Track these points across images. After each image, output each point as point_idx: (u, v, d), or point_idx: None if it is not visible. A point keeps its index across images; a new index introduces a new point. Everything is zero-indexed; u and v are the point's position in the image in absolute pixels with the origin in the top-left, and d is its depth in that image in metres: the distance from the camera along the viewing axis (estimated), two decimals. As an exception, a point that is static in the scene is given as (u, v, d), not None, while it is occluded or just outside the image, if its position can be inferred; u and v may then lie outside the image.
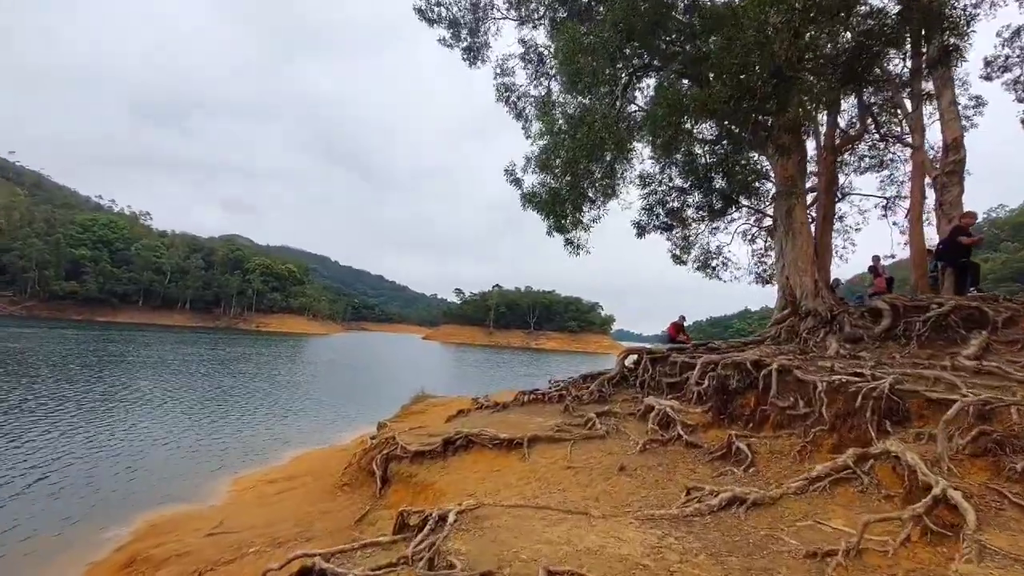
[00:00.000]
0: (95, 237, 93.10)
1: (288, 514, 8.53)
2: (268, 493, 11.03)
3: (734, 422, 6.97)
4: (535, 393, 11.21)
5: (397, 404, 17.19)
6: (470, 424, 9.62)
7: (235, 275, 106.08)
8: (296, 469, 13.21)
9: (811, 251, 9.31)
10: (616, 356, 11.09)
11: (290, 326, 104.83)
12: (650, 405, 8.38)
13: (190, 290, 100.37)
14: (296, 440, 17.69)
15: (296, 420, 20.90)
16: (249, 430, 18.80)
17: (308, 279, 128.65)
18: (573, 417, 9.44)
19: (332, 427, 19.68)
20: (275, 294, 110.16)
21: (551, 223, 10.27)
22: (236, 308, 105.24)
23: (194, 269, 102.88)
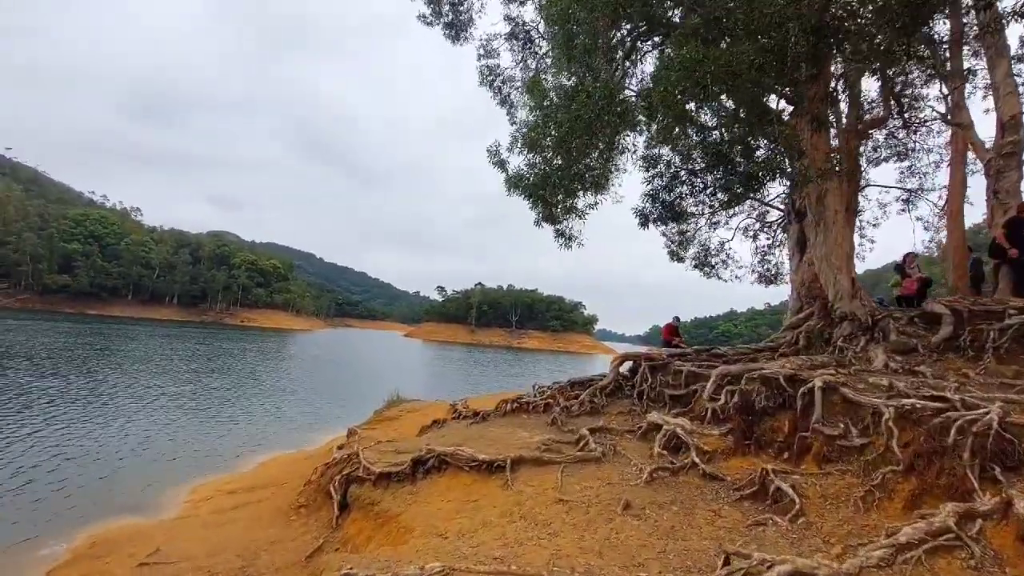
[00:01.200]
0: (87, 232, 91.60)
1: (234, 540, 6.91)
2: (223, 507, 9.36)
3: (762, 450, 5.55)
4: (519, 402, 9.69)
5: (375, 403, 15.58)
6: (445, 437, 8.06)
7: (221, 270, 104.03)
8: (259, 478, 11.50)
9: (847, 245, 7.96)
10: (610, 361, 9.62)
11: (274, 321, 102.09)
12: (654, 422, 6.91)
13: (178, 285, 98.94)
14: (267, 442, 15.97)
15: (271, 420, 19.12)
16: (223, 429, 17.14)
17: (292, 275, 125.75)
18: (562, 432, 7.94)
19: (305, 428, 17.90)
20: (260, 289, 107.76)
21: (539, 211, 8.76)
22: (222, 303, 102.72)
23: (182, 264, 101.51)
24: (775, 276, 13.47)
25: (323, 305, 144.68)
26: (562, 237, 9.43)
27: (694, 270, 13.24)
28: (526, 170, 8.28)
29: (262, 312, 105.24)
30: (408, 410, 12.19)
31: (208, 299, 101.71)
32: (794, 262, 9.91)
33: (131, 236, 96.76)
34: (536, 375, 44.29)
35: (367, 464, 6.67)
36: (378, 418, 12.09)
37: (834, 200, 7.76)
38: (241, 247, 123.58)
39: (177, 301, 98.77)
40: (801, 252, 9.80)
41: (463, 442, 7.51)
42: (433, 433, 8.76)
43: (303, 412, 20.70)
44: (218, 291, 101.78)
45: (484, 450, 7.06)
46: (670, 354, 9.39)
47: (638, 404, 8.43)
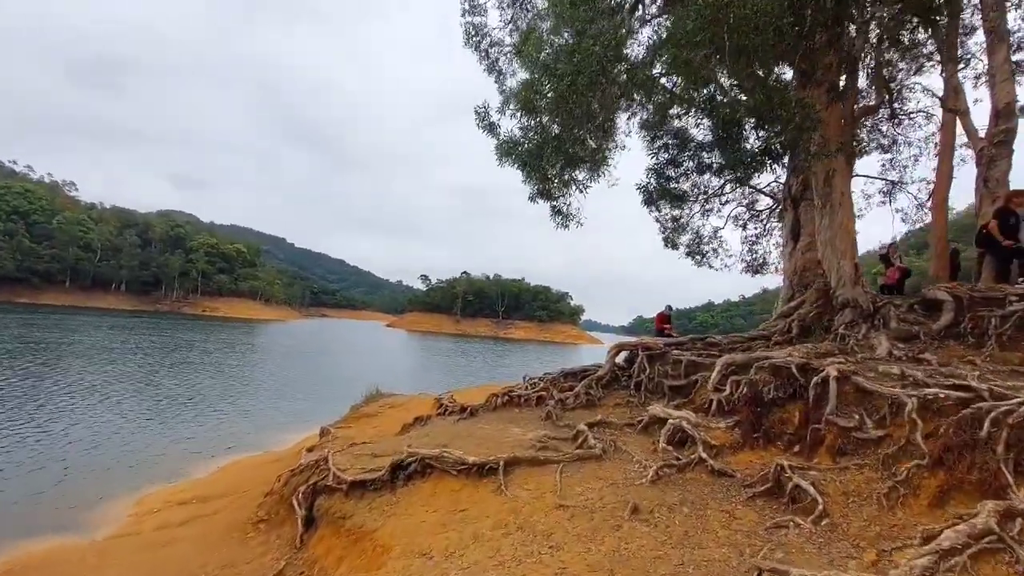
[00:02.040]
0: (8, 208, 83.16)
1: (177, 565, 6.47)
2: (171, 522, 8.86)
3: (772, 443, 5.44)
4: (509, 395, 9.45)
5: (353, 399, 15.11)
6: (430, 437, 7.78)
7: (177, 254, 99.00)
8: (217, 485, 11.02)
9: (853, 228, 7.89)
10: (607, 350, 9.44)
11: (241, 311, 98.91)
12: (656, 415, 6.77)
13: (124, 270, 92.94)
14: (230, 443, 15.38)
15: (235, 418, 18.46)
16: (181, 430, 16.41)
17: (260, 261, 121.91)
18: (558, 428, 7.75)
19: (274, 427, 17.35)
20: (223, 276, 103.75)
21: (534, 184, 8.37)
22: (179, 291, 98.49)
23: (128, 246, 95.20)
24: (762, 265, 13.55)
25: (296, 293, 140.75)
26: (559, 215, 9.09)
27: (687, 258, 13.18)
28: (520, 135, 7.84)
29: (226, 300, 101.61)
30: (388, 405, 11.84)
31: (163, 286, 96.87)
32: (787, 250, 9.87)
33: (64, 214, 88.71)
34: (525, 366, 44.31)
35: (338, 471, 6.32)
36: (355, 415, 11.71)
37: (842, 181, 7.66)
38: (199, 229, 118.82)
39: (125, 288, 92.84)
40: (795, 240, 9.76)
41: (449, 441, 7.24)
42: (415, 432, 8.46)
43: (272, 409, 20.09)
44: (173, 277, 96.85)
45: (473, 450, 6.80)
46: (667, 343, 9.28)
47: (636, 395, 8.29)
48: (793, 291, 9.30)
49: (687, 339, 9.72)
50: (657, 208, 12.79)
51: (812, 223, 9.38)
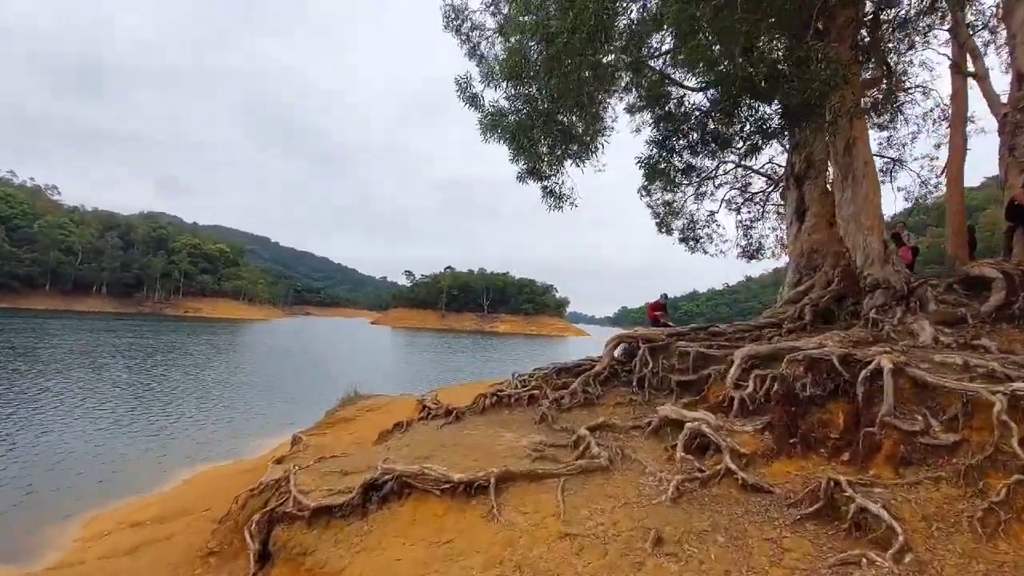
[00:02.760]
0: None
1: None
2: (119, 549, 7.63)
3: (812, 450, 4.50)
4: (499, 395, 8.40)
5: (334, 399, 13.89)
6: (411, 447, 6.68)
7: (159, 256, 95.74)
8: (179, 501, 9.76)
9: (879, 201, 7.00)
10: (604, 343, 8.45)
11: (224, 311, 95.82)
12: (668, 416, 5.79)
13: (106, 272, 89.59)
14: (201, 451, 14.01)
15: (210, 423, 17.02)
16: (153, 436, 15.00)
17: (243, 260, 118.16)
18: (555, 432, 6.74)
19: (249, 432, 15.97)
20: (206, 276, 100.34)
21: (523, 163, 7.30)
22: (161, 292, 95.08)
23: (110, 249, 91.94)
24: (758, 250, 12.74)
25: (280, 292, 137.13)
26: (552, 196, 8.03)
27: (680, 244, 12.30)
28: (507, 106, 6.75)
29: (209, 301, 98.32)
30: (367, 409, 10.70)
31: (144, 288, 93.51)
32: (792, 231, 9.01)
33: (46, 217, 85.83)
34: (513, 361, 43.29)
35: (299, 495, 5.19)
36: (330, 420, 10.54)
37: (864, 149, 6.77)
38: (182, 230, 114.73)
39: (107, 290, 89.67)
40: (800, 220, 8.90)
41: (432, 452, 6.17)
42: (395, 440, 7.35)
43: (249, 413, 18.67)
44: (156, 278, 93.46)
45: (460, 462, 5.75)
46: (669, 334, 8.32)
47: (639, 393, 7.32)
48: (800, 275, 8.42)
49: (688, 329, 8.79)
50: (649, 193, 11.86)
51: (818, 202, 8.52)
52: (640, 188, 11.87)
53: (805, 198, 8.55)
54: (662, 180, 7.50)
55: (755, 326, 8.21)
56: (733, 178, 11.67)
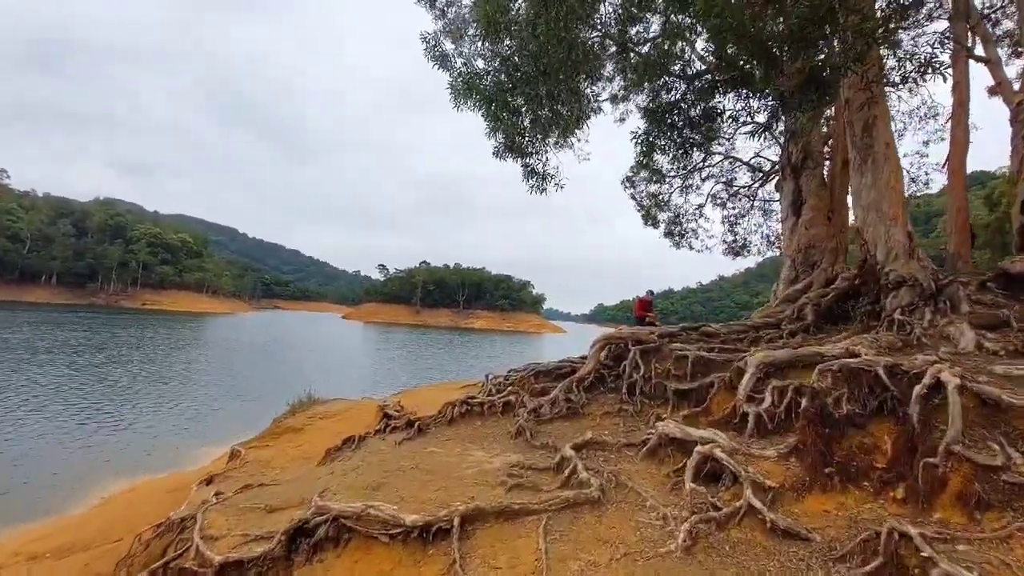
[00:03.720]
0: None
1: None
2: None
3: (853, 482, 3.57)
4: (469, 403, 7.26)
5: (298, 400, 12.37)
6: (359, 470, 5.48)
7: (116, 244, 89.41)
8: (90, 527, 8.16)
9: (901, 188, 6.22)
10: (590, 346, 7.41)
11: (185, 304, 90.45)
12: (668, 434, 4.80)
13: (57, 261, 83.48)
14: (133, 461, 12.27)
15: (151, 428, 15.15)
16: (92, 442, 13.12)
17: (207, 251, 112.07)
18: (534, 449, 5.68)
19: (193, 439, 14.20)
20: (166, 267, 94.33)
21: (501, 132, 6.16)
22: (118, 283, 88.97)
23: (61, 237, 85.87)
24: (743, 247, 12.09)
25: (246, 285, 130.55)
26: (534, 176, 6.93)
27: (665, 238, 11.48)
28: (483, 66, 5.59)
29: (169, 293, 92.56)
30: (320, 416, 9.35)
31: (99, 278, 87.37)
32: (787, 225, 8.25)
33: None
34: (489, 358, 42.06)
35: (204, 544, 3.92)
36: (276, 429, 9.13)
37: (885, 130, 5.98)
38: (142, 218, 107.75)
39: (57, 280, 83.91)
40: (796, 214, 8.15)
41: (384, 479, 4.99)
42: (341, 461, 6.10)
43: (196, 417, 16.81)
44: (111, 269, 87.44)
45: (417, 494, 4.60)
46: (660, 334, 7.38)
47: (630, 401, 6.33)
48: (797, 271, 7.65)
49: (679, 328, 7.88)
50: (634, 184, 10.97)
51: (816, 195, 7.75)
52: (624, 179, 10.97)
53: (802, 190, 7.78)
54: (662, 153, 6.57)
55: (751, 326, 7.37)
56: (720, 171, 10.89)
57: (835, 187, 7.68)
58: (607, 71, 11.43)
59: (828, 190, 7.47)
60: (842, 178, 7.62)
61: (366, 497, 4.67)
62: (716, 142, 9.41)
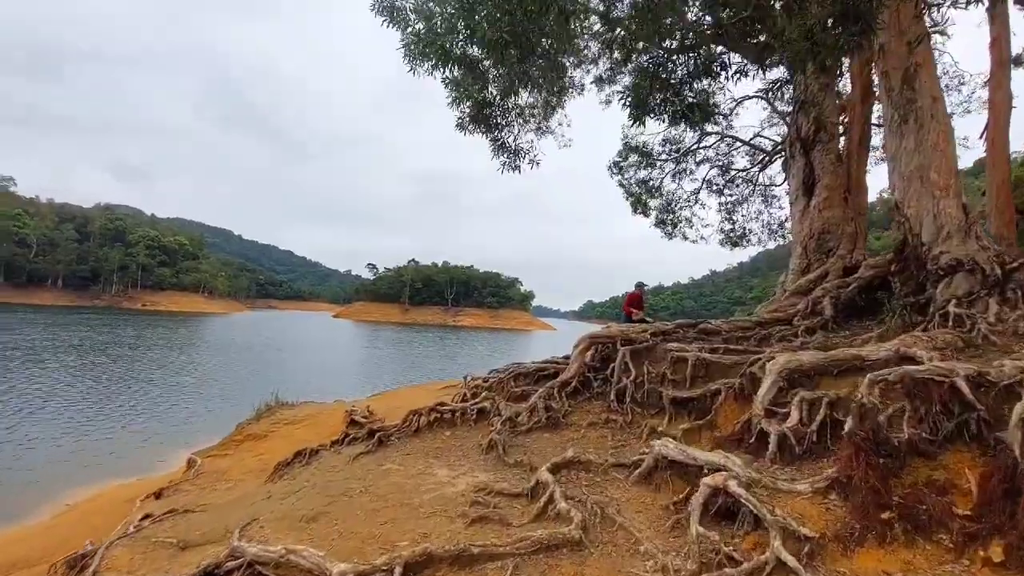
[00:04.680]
0: None
1: None
2: None
3: (923, 534, 2.57)
4: (439, 410, 6.22)
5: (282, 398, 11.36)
6: (304, 491, 4.44)
7: (116, 248, 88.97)
8: (35, 543, 7.06)
9: (952, 152, 5.20)
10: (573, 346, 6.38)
11: (183, 304, 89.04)
12: (666, 456, 3.78)
13: (61, 265, 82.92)
14: (103, 463, 11.24)
15: (145, 426, 14.16)
16: (78, 443, 12.08)
17: (203, 253, 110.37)
18: (507, 468, 4.66)
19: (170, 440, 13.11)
20: (164, 269, 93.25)
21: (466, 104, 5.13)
22: (119, 285, 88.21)
23: (65, 241, 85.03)
24: (742, 236, 11.07)
25: (241, 285, 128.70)
26: (504, 152, 5.91)
27: (657, 228, 10.47)
28: (441, 20, 4.54)
29: (167, 294, 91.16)
30: (287, 421, 8.31)
31: (101, 281, 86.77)
32: (797, 208, 7.26)
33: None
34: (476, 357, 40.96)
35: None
36: (238, 436, 8.09)
37: (930, 81, 4.97)
38: (140, 222, 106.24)
39: (63, 284, 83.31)
40: (808, 195, 7.16)
41: (326, 507, 3.96)
42: (287, 480, 5.07)
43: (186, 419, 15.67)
44: (112, 271, 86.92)
45: (358, 529, 3.59)
46: (652, 332, 6.36)
47: (619, 410, 5.32)
48: (809, 260, 6.66)
49: (674, 325, 6.87)
50: (621, 170, 9.96)
51: (831, 172, 6.76)
52: (612, 164, 9.98)
53: (815, 168, 6.80)
54: (655, 116, 5.57)
55: (757, 323, 6.38)
56: (716, 154, 9.88)
57: (852, 164, 6.68)
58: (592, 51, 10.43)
59: (844, 167, 6.49)
60: (859, 154, 6.66)
61: (299, 531, 3.67)
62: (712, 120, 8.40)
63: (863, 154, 7.01)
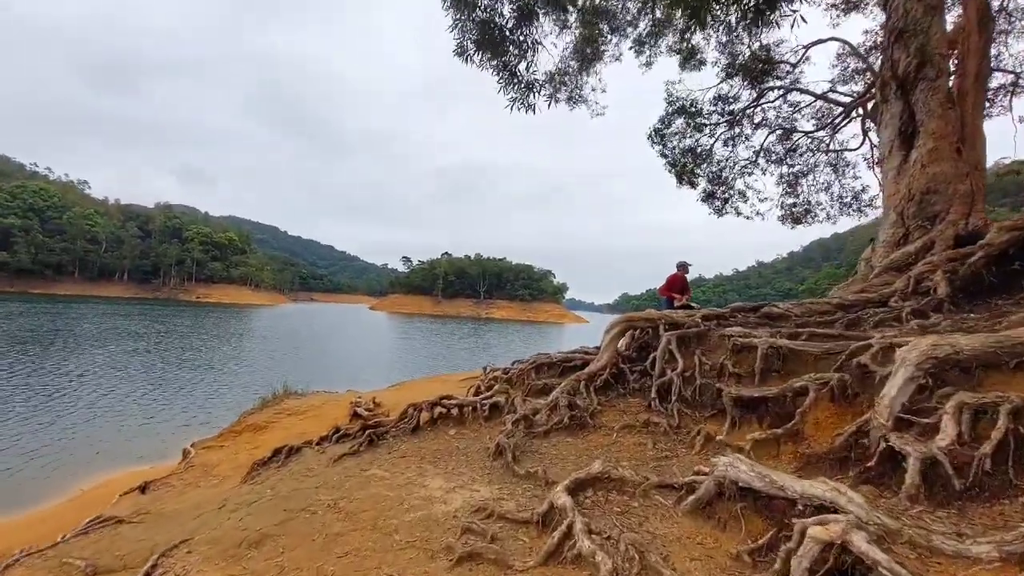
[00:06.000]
0: (24, 205, 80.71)
1: None
2: None
3: None
4: (445, 404, 5.24)
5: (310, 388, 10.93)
6: (262, 500, 3.57)
7: (173, 244, 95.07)
8: (32, 532, 6.68)
9: None
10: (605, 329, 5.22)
11: (232, 296, 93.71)
12: (730, 478, 2.61)
13: (127, 260, 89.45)
14: (133, 449, 11.11)
15: (177, 412, 14.20)
16: (108, 427, 12.11)
17: (251, 248, 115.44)
18: (515, 480, 3.63)
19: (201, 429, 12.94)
20: (216, 264, 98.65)
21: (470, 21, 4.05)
22: (176, 278, 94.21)
23: (130, 238, 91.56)
24: (807, 212, 9.40)
25: (285, 279, 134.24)
26: (514, 84, 4.80)
27: (704, 203, 9.05)
28: None
29: (218, 287, 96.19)
30: (290, 411, 7.62)
31: (161, 274, 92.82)
32: (892, 164, 5.75)
33: (74, 209, 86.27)
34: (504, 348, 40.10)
35: None
36: (238, 427, 7.45)
37: None
38: (195, 220, 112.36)
39: (128, 277, 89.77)
40: (906, 147, 5.64)
41: (274, 531, 3.05)
42: (254, 483, 4.22)
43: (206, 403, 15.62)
44: (171, 266, 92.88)
45: (308, 563, 2.66)
46: (706, 316, 5.11)
47: (661, 411, 4.15)
48: (907, 227, 5.23)
49: (728, 309, 5.58)
50: (664, 138, 8.61)
51: (939, 117, 5.25)
52: (652, 132, 8.64)
53: (915, 113, 5.27)
54: (714, 24, 4.39)
55: (838, 305, 4.99)
56: (776, 116, 8.34)
57: (967, 106, 5.14)
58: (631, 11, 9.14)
59: (956, 111, 5.00)
60: (976, 94, 5.11)
61: (230, 562, 2.79)
62: (774, 71, 6.98)
63: (979, 95, 5.43)
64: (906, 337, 3.00)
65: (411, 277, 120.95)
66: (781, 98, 7.94)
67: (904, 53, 5.40)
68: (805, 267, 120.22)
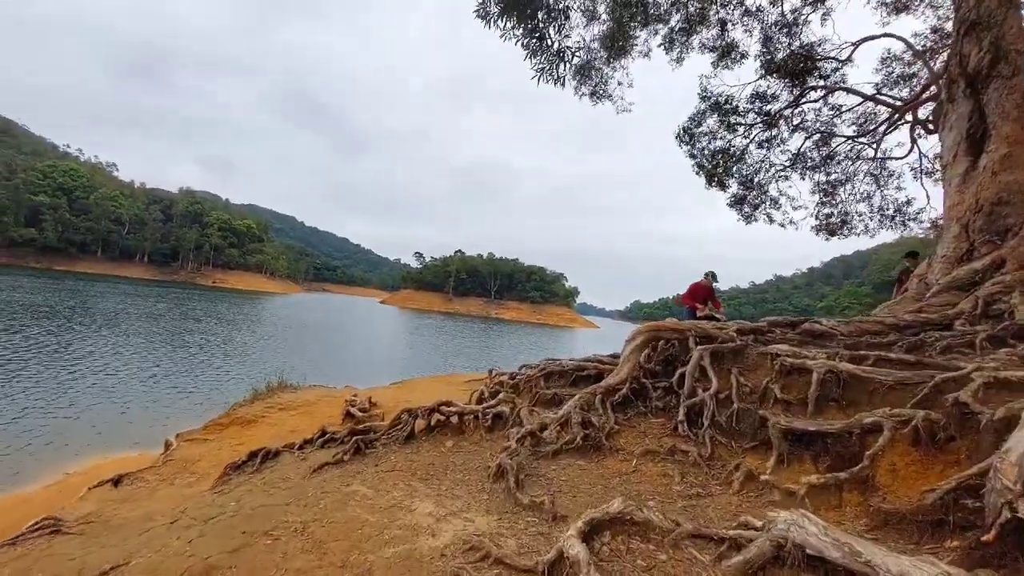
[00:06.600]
0: (55, 184, 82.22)
1: None
2: None
3: None
4: (443, 411, 4.69)
5: (319, 380, 10.49)
6: (223, 515, 3.05)
7: (193, 229, 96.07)
8: (27, 507, 6.27)
9: None
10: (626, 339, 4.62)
11: (248, 283, 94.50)
12: (793, 539, 2.00)
13: (148, 242, 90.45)
14: (129, 433, 10.75)
15: (171, 400, 13.86)
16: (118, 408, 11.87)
17: (268, 236, 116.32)
18: (518, 510, 3.04)
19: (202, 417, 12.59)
20: (233, 250, 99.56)
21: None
22: (194, 263, 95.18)
23: (152, 221, 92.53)
24: (843, 223, 8.69)
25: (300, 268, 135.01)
26: (544, 52, 4.24)
27: (733, 208, 8.38)
28: None
29: (235, 273, 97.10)
30: (282, 406, 7.14)
31: (180, 258, 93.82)
32: (956, 171, 5.08)
33: (101, 190, 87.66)
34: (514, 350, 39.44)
35: None
36: (225, 419, 6.98)
37: None
38: (215, 206, 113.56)
39: (148, 259, 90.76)
40: (974, 152, 4.95)
41: (224, 561, 2.51)
42: (216, 495, 3.70)
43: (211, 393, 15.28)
44: (190, 250, 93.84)
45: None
46: (740, 331, 4.49)
47: (691, 437, 3.54)
48: (971, 240, 4.56)
49: (765, 323, 4.94)
50: (692, 138, 7.99)
51: (1013, 120, 4.56)
52: (681, 131, 8.03)
53: (987, 114, 4.61)
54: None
55: (891, 326, 4.34)
56: (814, 119, 7.67)
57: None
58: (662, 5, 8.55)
59: None
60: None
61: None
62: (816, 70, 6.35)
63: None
64: (1015, 371, 2.38)
65: (423, 273, 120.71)
66: (823, 99, 7.28)
67: (976, 47, 4.73)
68: (825, 283, 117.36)
